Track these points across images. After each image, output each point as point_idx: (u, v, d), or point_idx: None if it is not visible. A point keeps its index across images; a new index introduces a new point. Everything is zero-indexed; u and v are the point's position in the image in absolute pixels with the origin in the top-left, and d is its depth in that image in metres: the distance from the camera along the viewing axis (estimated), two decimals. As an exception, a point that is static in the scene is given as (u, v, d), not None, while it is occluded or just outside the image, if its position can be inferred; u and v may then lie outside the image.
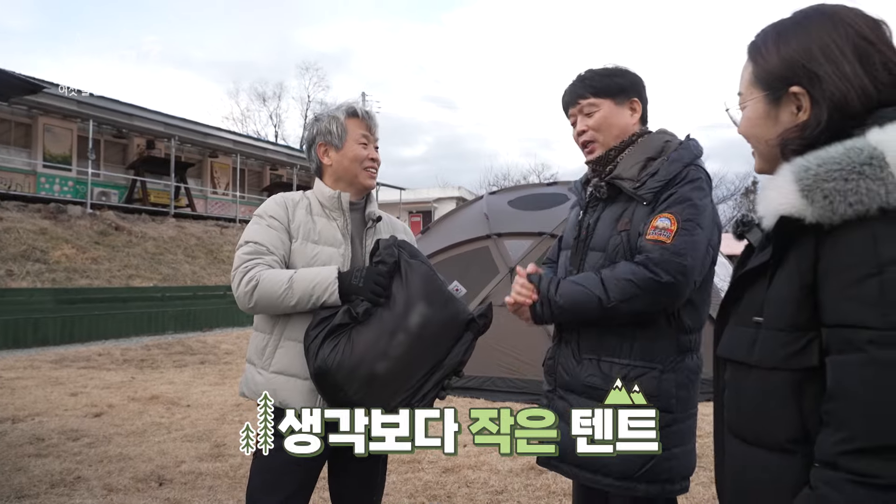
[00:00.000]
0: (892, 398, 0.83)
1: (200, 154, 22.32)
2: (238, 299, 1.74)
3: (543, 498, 3.28)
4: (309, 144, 1.93)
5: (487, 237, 6.69)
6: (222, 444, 4.24)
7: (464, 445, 4.24)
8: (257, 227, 1.81)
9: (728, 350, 1.08)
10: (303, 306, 1.70)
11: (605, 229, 1.75)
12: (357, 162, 1.86)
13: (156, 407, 5.38)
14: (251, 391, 1.80)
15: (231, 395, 5.89)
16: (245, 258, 1.75)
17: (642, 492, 1.64)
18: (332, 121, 1.87)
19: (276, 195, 1.90)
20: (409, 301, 1.69)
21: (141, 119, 18.39)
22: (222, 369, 7.49)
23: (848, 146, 0.89)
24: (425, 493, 3.37)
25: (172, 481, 3.52)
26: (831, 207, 0.87)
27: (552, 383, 1.84)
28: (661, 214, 1.62)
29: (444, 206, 29.77)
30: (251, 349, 1.84)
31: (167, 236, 16.59)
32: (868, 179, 0.85)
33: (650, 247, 1.61)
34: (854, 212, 0.86)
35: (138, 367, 7.58)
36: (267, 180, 25.10)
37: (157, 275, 14.30)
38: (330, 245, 1.82)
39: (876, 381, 0.83)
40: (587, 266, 1.76)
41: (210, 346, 9.45)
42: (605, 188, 1.77)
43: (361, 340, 1.64)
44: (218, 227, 19.24)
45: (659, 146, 1.75)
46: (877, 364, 0.83)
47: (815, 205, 0.88)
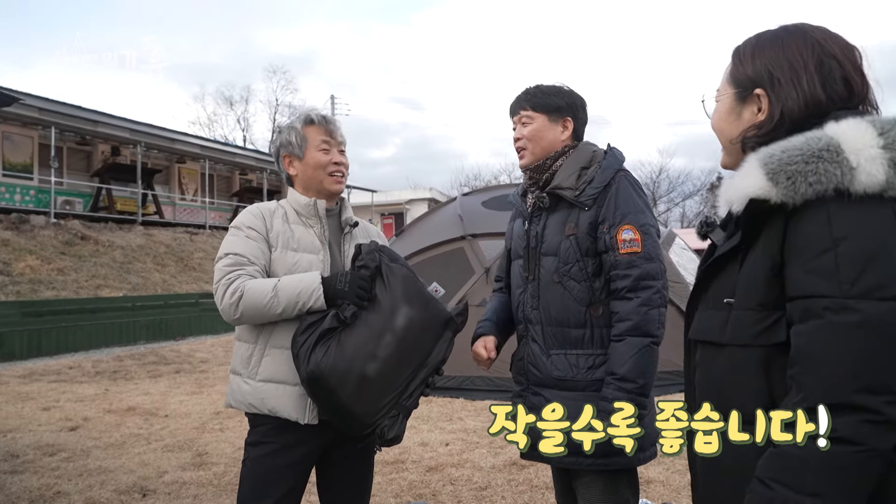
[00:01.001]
0: (844, 358, 0.92)
1: (167, 160, 21.93)
2: (223, 311, 1.75)
3: (527, 492, 3.36)
4: (276, 157, 1.97)
5: (462, 238, 6.75)
6: (204, 453, 4.22)
7: (446, 444, 4.30)
8: (236, 238, 1.83)
9: (700, 332, 1.17)
10: (289, 313, 1.73)
11: (553, 235, 1.94)
12: (320, 168, 1.89)
13: (133, 418, 5.32)
14: (238, 401, 1.82)
15: (209, 404, 5.85)
16: (226, 270, 1.76)
17: (618, 464, 1.78)
18: (290, 131, 1.91)
19: (252, 206, 1.93)
20: (393, 303, 1.74)
21: (105, 125, 17.99)
22: (198, 378, 7.42)
23: (808, 136, 1.00)
24: (410, 493, 3.42)
25: (156, 492, 3.50)
26: (794, 188, 0.98)
27: (524, 382, 1.99)
28: (623, 227, 1.84)
29: (416, 208, 29.79)
30: (236, 359, 1.86)
31: (135, 244, 16.29)
32: (826, 162, 0.96)
33: (627, 259, 1.83)
34: (814, 191, 0.97)
35: (111, 379, 7.46)
36: (236, 185, 24.77)
37: (126, 284, 14.04)
38: (309, 252, 1.85)
39: (830, 344, 0.93)
40: (543, 270, 1.94)
41: (184, 355, 9.33)
42: (548, 198, 1.96)
43: (350, 343, 1.68)
44: (188, 234, 18.95)
45: (588, 156, 1.97)
46: (832, 327, 0.93)
47: (779, 186, 0.99)
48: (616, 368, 1.77)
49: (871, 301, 0.92)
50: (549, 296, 1.92)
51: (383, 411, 1.70)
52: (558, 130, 1.99)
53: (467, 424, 4.86)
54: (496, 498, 3.32)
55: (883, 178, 0.95)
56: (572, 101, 2.02)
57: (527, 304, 1.98)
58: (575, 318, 1.88)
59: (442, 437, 4.48)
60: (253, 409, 1.78)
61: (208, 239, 19.74)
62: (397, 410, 1.73)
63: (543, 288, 1.93)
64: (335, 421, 1.73)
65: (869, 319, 0.91)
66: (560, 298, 1.89)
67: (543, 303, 1.93)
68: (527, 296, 1.98)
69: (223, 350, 9.83)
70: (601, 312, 1.86)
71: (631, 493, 1.87)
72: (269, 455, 1.77)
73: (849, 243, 0.94)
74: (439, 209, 8.55)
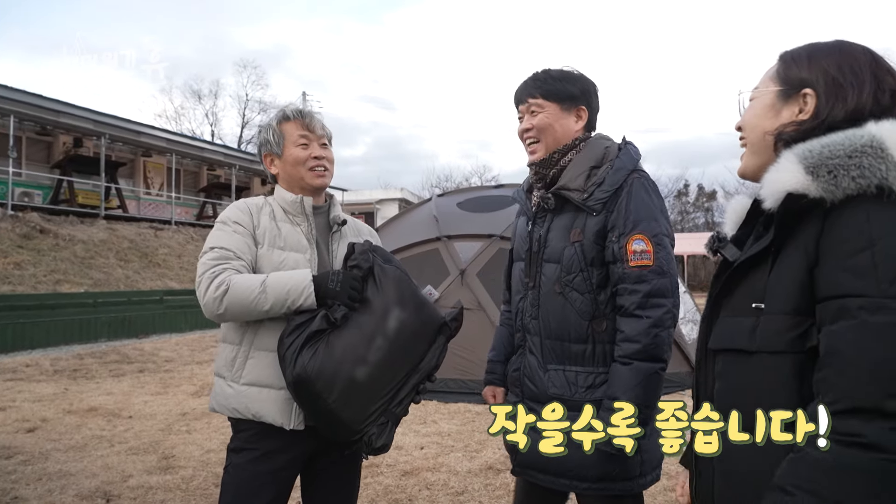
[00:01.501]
0: (878, 360, 0.88)
1: (132, 153, 21.37)
2: (205, 306, 1.67)
3: (504, 497, 3.33)
4: (260, 158, 1.92)
5: (437, 239, 6.72)
6: (171, 456, 4.09)
7: (421, 448, 4.25)
8: (222, 233, 1.76)
9: (723, 341, 1.11)
10: (276, 311, 1.66)
11: (557, 241, 1.78)
12: (299, 164, 1.83)
13: (95, 419, 5.13)
14: (221, 405, 1.75)
15: (175, 405, 5.69)
16: (211, 263, 1.69)
17: (619, 489, 1.69)
18: (268, 129, 1.87)
19: (238, 201, 1.86)
20: (385, 306, 1.68)
21: (68, 115, 17.42)
22: (163, 378, 7.21)
23: (848, 133, 1.00)
24: (386, 498, 3.36)
25: (120, 497, 3.37)
26: (835, 182, 0.96)
27: (518, 395, 1.86)
28: (634, 237, 1.68)
29: (386, 208, 29.63)
30: (219, 362, 1.78)
31: (98, 239, 15.81)
32: (870, 157, 0.95)
33: (637, 273, 1.67)
34: (856, 185, 0.95)
35: (71, 378, 7.19)
36: (204, 181, 24.26)
37: (87, 280, 13.61)
38: (296, 251, 1.78)
39: (863, 344, 0.89)
40: (544, 278, 1.79)
41: (148, 353, 9.08)
42: (553, 199, 1.80)
43: (340, 346, 1.62)
44: (152, 230, 18.48)
45: (600, 153, 1.80)
46: (866, 328, 0.89)
47: (819, 180, 0.97)
48: (619, 395, 1.61)
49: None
50: (549, 306, 1.78)
51: (372, 418, 1.64)
52: (572, 121, 1.82)
53: (442, 427, 4.81)
54: (473, 503, 3.28)
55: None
56: (586, 87, 1.84)
57: (526, 312, 1.84)
58: (576, 332, 1.73)
59: (416, 441, 4.43)
60: (236, 414, 1.71)
61: (174, 235, 19.28)
62: (386, 418, 1.67)
63: (544, 297, 1.79)
64: (321, 427, 1.67)
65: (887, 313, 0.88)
66: (561, 310, 1.75)
67: (543, 313, 1.79)
68: (526, 303, 1.85)
69: (188, 349, 9.60)
70: (605, 328, 1.72)
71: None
72: (252, 461, 1.69)
73: (887, 242, 0.92)
74: (414, 209, 8.50)
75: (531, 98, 1.83)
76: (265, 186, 26.75)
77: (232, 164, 23.29)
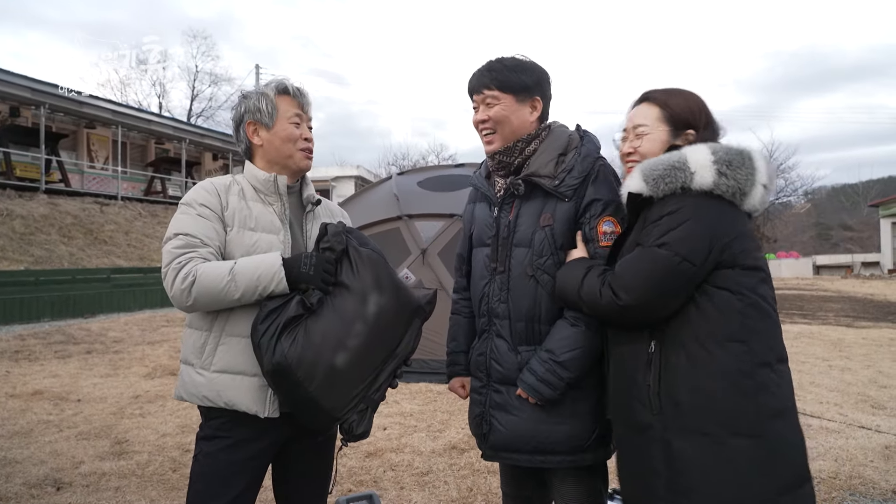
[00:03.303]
0: (636, 271, 1.53)
1: (75, 124, 20.38)
2: (173, 298, 1.59)
3: (469, 476, 3.34)
4: (237, 124, 1.80)
5: (398, 218, 6.64)
6: (124, 441, 3.95)
7: (384, 428, 4.23)
8: (186, 217, 1.67)
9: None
10: (248, 298, 1.59)
11: (527, 225, 1.81)
12: (290, 142, 1.76)
13: (41, 403, 4.91)
14: (190, 394, 1.67)
15: (127, 387, 5.51)
16: (177, 252, 1.60)
17: (590, 459, 1.77)
18: (261, 98, 1.76)
19: (204, 181, 1.76)
20: (363, 290, 1.63)
21: (2, 84, 16.45)
22: (113, 359, 6.96)
23: (670, 154, 1.60)
24: (350, 480, 3.33)
25: (72, 484, 3.24)
26: (656, 185, 1.55)
27: (484, 379, 1.88)
28: (604, 219, 1.77)
29: (342, 186, 29.23)
30: (186, 348, 1.70)
31: (38, 214, 15.09)
32: (676, 170, 1.54)
33: (607, 252, 1.74)
34: (668, 188, 1.54)
35: (13, 360, 6.87)
36: (152, 154, 23.38)
37: (28, 257, 12.99)
38: (268, 232, 1.71)
39: (626, 264, 1.57)
40: (514, 262, 1.82)
41: (95, 333, 8.75)
42: (522, 185, 1.82)
43: (319, 332, 1.56)
44: (97, 205, 17.75)
45: (564, 141, 1.86)
46: (634, 256, 1.56)
47: (648, 184, 1.57)
48: (555, 350, 1.72)
49: (660, 248, 1.51)
50: (520, 290, 1.81)
51: (351, 405, 1.60)
52: (527, 112, 1.84)
53: (404, 408, 4.81)
54: (438, 483, 3.28)
55: (710, 180, 1.52)
56: (539, 77, 1.86)
57: (493, 296, 1.86)
58: (547, 313, 1.78)
59: (379, 422, 4.39)
60: (207, 403, 1.63)
61: (120, 211, 18.58)
62: (366, 404, 1.63)
63: (514, 281, 1.82)
64: (300, 414, 1.62)
65: (648, 251, 1.53)
66: (533, 293, 1.79)
67: (514, 296, 1.81)
68: (493, 287, 1.86)
69: (139, 329, 9.29)
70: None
71: (602, 484, 1.87)
72: (224, 450, 1.63)
73: (671, 217, 1.52)
74: (374, 188, 8.37)
75: (486, 90, 1.83)
76: (216, 161, 25.97)
77: (182, 138, 22.47)
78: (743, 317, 1.48)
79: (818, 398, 5.15)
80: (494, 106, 1.83)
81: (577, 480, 1.81)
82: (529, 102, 1.84)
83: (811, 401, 5.05)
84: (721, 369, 1.46)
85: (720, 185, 1.51)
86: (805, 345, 8.09)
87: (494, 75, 1.82)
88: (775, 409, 1.47)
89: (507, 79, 1.81)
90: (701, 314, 1.49)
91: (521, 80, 1.82)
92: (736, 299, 1.49)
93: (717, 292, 1.49)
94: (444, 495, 3.13)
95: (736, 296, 1.49)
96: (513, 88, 1.82)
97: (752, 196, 1.54)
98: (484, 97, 1.84)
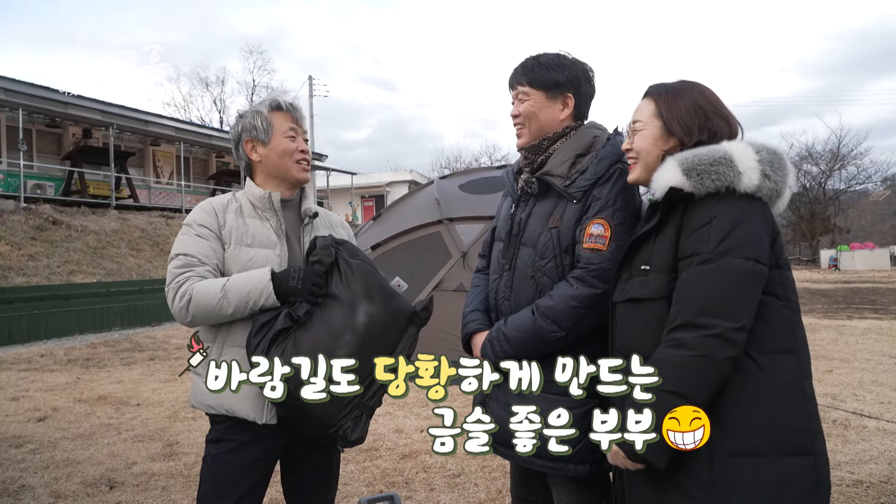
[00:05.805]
0: (698, 292, 1.35)
1: (141, 142, 21.49)
2: (175, 315, 1.70)
3: (500, 479, 3.35)
4: (236, 143, 1.88)
5: (439, 222, 6.70)
6: (175, 443, 4.16)
7: (421, 431, 4.29)
8: (186, 237, 1.76)
9: (623, 294, 1.53)
10: (241, 313, 1.67)
11: (536, 225, 1.80)
12: (287, 156, 1.83)
13: (104, 407, 5.23)
14: (198, 402, 1.77)
15: (183, 392, 5.78)
16: (176, 272, 1.70)
17: (572, 472, 1.71)
18: (255, 116, 1.83)
19: (203, 202, 1.85)
20: (352, 300, 1.67)
21: (76, 107, 17.51)
22: (173, 365, 7.32)
23: (710, 148, 1.44)
24: (383, 481, 3.40)
25: (124, 484, 3.44)
26: (701, 181, 1.39)
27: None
28: (595, 220, 1.70)
29: (396, 190, 29.62)
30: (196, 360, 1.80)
31: (109, 229, 15.98)
32: (723, 167, 1.39)
33: (587, 255, 1.69)
34: (714, 185, 1.38)
35: (84, 367, 7.33)
36: (213, 168, 24.37)
37: (100, 270, 13.78)
38: (264, 247, 1.78)
39: (692, 283, 1.37)
40: (519, 262, 1.82)
41: (159, 341, 9.22)
42: (536, 184, 1.82)
43: (307, 344, 1.61)
44: (163, 218, 18.63)
45: (588, 142, 1.82)
46: (696, 273, 1.37)
47: (691, 179, 1.40)
48: (508, 332, 1.72)
49: (728, 258, 1.34)
50: (521, 290, 1.80)
51: (345, 412, 1.64)
52: (557, 109, 1.82)
53: (443, 410, 4.84)
54: (469, 485, 3.31)
55: (756, 182, 1.39)
56: (574, 74, 1.83)
57: (500, 293, 1.86)
58: None
59: (417, 424, 4.46)
60: (211, 410, 1.73)
61: (185, 223, 19.41)
62: (360, 411, 1.67)
63: (517, 280, 1.81)
64: (294, 422, 1.68)
65: (719, 267, 1.34)
66: (532, 294, 1.77)
67: (516, 295, 1.81)
68: (501, 284, 1.86)
69: (199, 336, 9.71)
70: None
71: (603, 496, 1.79)
72: (229, 452, 1.72)
73: (720, 220, 1.37)
74: (416, 193, 8.47)
75: (519, 85, 1.85)
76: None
77: (240, 151, 23.27)
78: (792, 325, 1.41)
79: (879, 398, 4.88)
80: (525, 102, 1.84)
81: (576, 490, 1.77)
82: (560, 99, 1.83)
83: (871, 401, 4.79)
84: (778, 383, 1.36)
85: (763, 187, 1.39)
86: (872, 341, 7.66)
87: (527, 71, 1.84)
88: (818, 423, 1.39)
89: (538, 75, 1.82)
90: (756, 324, 1.36)
91: (553, 77, 1.82)
92: (782, 305, 1.40)
93: (766, 299, 1.38)
94: (473, 497, 3.15)
95: (783, 301, 1.40)
96: (544, 85, 1.82)
97: (783, 199, 1.44)
98: (517, 92, 1.86)
